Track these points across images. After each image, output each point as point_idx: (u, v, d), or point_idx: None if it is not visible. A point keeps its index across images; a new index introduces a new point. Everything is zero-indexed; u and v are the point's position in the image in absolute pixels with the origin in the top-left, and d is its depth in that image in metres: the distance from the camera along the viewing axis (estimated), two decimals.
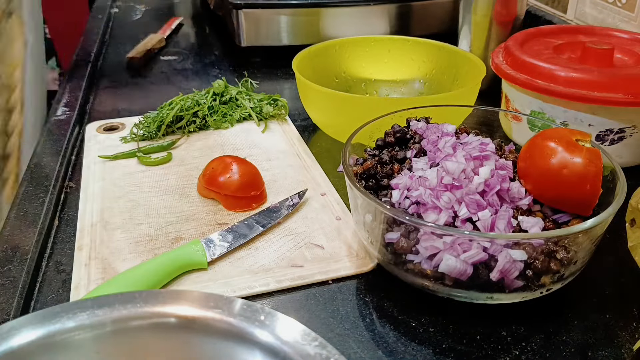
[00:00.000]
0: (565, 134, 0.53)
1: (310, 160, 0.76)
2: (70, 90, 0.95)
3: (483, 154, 0.54)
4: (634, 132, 0.70)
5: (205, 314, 0.37)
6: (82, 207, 0.66)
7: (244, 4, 1.02)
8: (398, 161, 0.60)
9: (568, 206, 0.53)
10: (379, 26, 1.08)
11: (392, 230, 0.51)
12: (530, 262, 0.47)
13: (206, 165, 0.69)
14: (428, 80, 0.89)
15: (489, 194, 0.52)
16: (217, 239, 0.59)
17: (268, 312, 0.37)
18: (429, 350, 0.49)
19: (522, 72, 0.74)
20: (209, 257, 0.57)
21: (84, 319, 0.36)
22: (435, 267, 0.49)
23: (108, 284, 0.52)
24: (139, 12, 1.43)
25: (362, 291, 0.55)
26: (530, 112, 0.75)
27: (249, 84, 0.92)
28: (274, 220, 0.63)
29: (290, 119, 0.87)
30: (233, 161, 0.67)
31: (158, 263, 0.54)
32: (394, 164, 0.59)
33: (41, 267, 0.58)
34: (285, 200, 0.66)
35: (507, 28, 0.89)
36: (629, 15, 0.88)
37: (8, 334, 0.35)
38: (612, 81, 0.68)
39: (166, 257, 0.55)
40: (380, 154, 0.60)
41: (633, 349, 0.48)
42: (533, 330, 0.50)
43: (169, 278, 0.54)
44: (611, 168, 0.54)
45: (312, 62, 0.83)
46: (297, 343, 0.35)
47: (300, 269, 0.57)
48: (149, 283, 0.52)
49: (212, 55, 1.16)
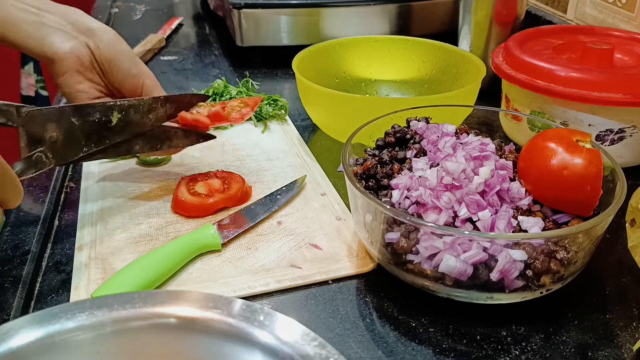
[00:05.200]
0: (566, 134, 0.53)
1: (310, 160, 0.76)
2: None
3: (483, 154, 0.54)
4: (634, 132, 0.70)
5: (205, 314, 0.37)
6: (82, 207, 0.66)
7: (244, 4, 1.02)
8: (398, 161, 0.60)
9: (568, 207, 0.53)
10: (379, 26, 1.07)
11: (392, 230, 0.51)
12: (530, 262, 0.47)
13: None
14: (428, 80, 0.88)
15: (489, 194, 0.52)
16: (228, 222, 0.61)
17: (267, 312, 0.37)
18: (429, 350, 0.49)
19: (522, 72, 0.73)
20: (222, 239, 0.59)
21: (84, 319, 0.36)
22: (435, 267, 0.48)
23: (130, 267, 0.53)
24: (139, 12, 1.43)
25: (362, 291, 0.55)
26: (530, 112, 0.75)
27: (249, 84, 0.92)
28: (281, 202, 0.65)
29: (290, 119, 0.87)
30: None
31: (175, 247, 0.56)
32: (394, 164, 0.59)
33: (41, 267, 0.58)
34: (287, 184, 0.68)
35: (507, 28, 0.89)
36: (629, 15, 0.88)
37: (7, 335, 0.35)
38: (612, 81, 0.68)
39: (181, 240, 0.57)
40: (380, 154, 0.60)
41: (633, 349, 0.48)
42: (533, 330, 0.50)
43: (185, 261, 0.56)
44: (611, 168, 0.54)
45: (312, 62, 0.83)
46: (296, 343, 0.35)
47: (300, 269, 0.57)
48: (167, 266, 0.55)
49: (212, 55, 1.16)
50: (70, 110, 0.58)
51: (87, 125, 0.58)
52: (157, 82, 0.66)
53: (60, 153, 0.58)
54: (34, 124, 0.56)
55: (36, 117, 0.56)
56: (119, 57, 0.64)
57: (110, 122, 0.59)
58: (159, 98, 0.62)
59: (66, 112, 0.57)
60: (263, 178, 0.72)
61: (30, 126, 0.56)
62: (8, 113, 0.55)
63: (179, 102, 0.63)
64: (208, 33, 1.29)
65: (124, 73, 0.64)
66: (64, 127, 0.57)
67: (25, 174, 0.55)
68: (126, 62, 0.64)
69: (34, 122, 0.56)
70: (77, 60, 0.62)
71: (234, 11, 1.03)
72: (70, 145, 0.58)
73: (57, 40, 0.61)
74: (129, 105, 0.60)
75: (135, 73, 0.65)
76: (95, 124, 0.59)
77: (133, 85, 0.65)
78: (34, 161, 0.56)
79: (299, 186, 0.68)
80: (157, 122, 0.62)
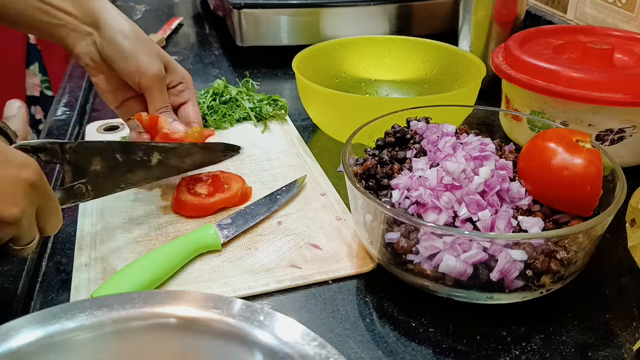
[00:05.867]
0: (566, 134, 0.53)
1: (310, 160, 0.76)
2: (70, 90, 0.95)
3: (483, 154, 0.54)
4: (634, 132, 0.70)
5: (205, 314, 0.37)
6: (82, 207, 0.65)
7: (244, 4, 1.02)
8: (398, 161, 0.60)
9: (568, 207, 0.53)
10: (379, 26, 1.07)
11: (392, 230, 0.51)
12: (530, 262, 0.47)
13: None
14: (428, 80, 0.88)
15: (489, 194, 0.52)
16: (228, 222, 0.61)
17: (267, 312, 0.37)
18: (429, 350, 0.49)
19: (522, 72, 0.73)
20: (223, 239, 0.59)
21: (84, 319, 0.36)
22: (435, 267, 0.48)
23: (130, 267, 0.53)
24: (139, 12, 1.43)
25: (362, 291, 0.55)
26: (530, 112, 0.75)
27: (249, 84, 0.92)
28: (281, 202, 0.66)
29: (290, 119, 0.87)
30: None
31: (175, 247, 0.56)
32: (394, 164, 0.58)
33: (41, 267, 0.58)
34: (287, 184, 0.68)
35: (507, 28, 0.89)
36: (629, 15, 0.88)
37: (7, 335, 0.35)
38: (612, 81, 0.68)
39: (181, 240, 0.57)
40: (380, 154, 0.60)
41: (633, 349, 0.48)
42: (533, 330, 0.50)
43: (185, 261, 0.57)
44: (611, 168, 0.54)
45: (312, 62, 0.83)
46: (296, 343, 0.35)
47: (300, 269, 0.57)
48: (167, 266, 0.55)
49: (212, 55, 1.16)
50: (117, 146, 0.60)
51: (129, 162, 0.60)
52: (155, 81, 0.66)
53: (100, 186, 0.59)
54: (80, 156, 0.57)
55: (82, 151, 0.57)
56: (115, 57, 0.65)
57: (150, 162, 0.62)
58: (197, 145, 0.65)
59: (112, 148, 0.59)
60: (263, 178, 0.72)
61: (77, 157, 0.57)
62: (52, 151, 0.56)
63: (213, 151, 0.68)
64: (208, 33, 1.29)
65: (122, 70, 0.66)
66: (107, 161, 0.59)
67: (64, 203, 0.56)
68: (122, 61, 0.65)
69: (80, 156, 0.57)
70: (89, 58, 0.66)
71: (234, 11, 1.03)
72: (110, 179, 0.60)
73: (70, 42, 0.66)
74: (169, 147, 0.63)
75: (131, 70, 0.65)
76: (137, 161, 0.61)
77: (132, 82, 0.66)
78: (74, 192, 0.57)
79: (299, 186, 0.68)
80: (192, 167, 0.66)
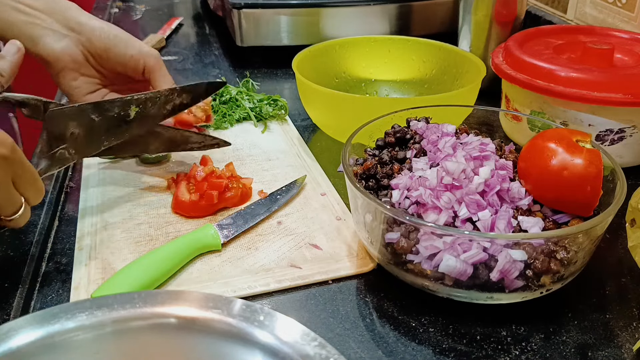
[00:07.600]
0: (566, 134, 0.53)
1: (310, 160, 0.76)
2: None
3: (483, 154, 0.54)
4: (634, 132, 0.70)
5: (205, 314, 0.37)
6: (82, 207, 0.66)
7: (244, 4, 1.02)
8: (398, 161, 0.60)
9: (568, 207, 0.53)
10: (379, 26, 1.07)
11: (392, 230, 0.51)
12: (530, 262, 0.47)
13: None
14: (428, 80, 0.88)
15: (489, 194, 0.52)
16: (228, 222, 0.61)
17: (267, 312, 0.37)
18: (429, 350, 0.49)
19: (522, 72, 0.73)
20: (223, 239, 0.59)
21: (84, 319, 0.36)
22: (435, 267, 0.48)
23: (130, 267, 0.53)
24: (139, 12, 1.43)
25: (362, 291, 0.55)
26: (530, 112, 0.75)
27: (249, 84, 0.92)
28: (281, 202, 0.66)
29: (290, 119, 0.87)
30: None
31: (175, 247, 0.56)
32: (394, 164, 0.59)
33: (41, 267, 0.58)
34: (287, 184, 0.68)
35: (507, 28, 0.89)
36: (629, 15, 0.88)
37: (8, 335, 0.35)
38: (612, 81, 0.68)
39: (181, 240, 0.57)
40: (380, 154, 0.60)
41: (633, 349, 0.48)
42: (533, 330, 0.50)
43: (185, 261, 0.57)
44: (611, 168, 0.54)
45: (312, 62, 0.83)
46: (296, 343, 0.35)
47: (300, 269, 0.57)
48: (167, 266, 0.55)
49: (212, 55, 1.16)
50: (90, 107, 0.59)
51: (107, 120, 0.60)
52: (159, 61, 0.66)
53: (82, 148, 0.59)
54: (55, 123, 0.57)
55: (57, 116, 0.57)
56: (113, 43, 0.65)
57: (128, 116, 0.61)
58: (175, 89, 0.63)
59: (86, 110, 0.59)
60: (263, 178, 0.72)
61: (52, 125, 0.57)
62: (35, 107, 0.57)
63: (194, 92, 0.64)
64: (208, 33, 1.29)
65: (123, 57, 0.65)
66: (84, 124, 0.58)
67: (50, 170, 0.57)
68: (122, 46, 0.65)
69: (55, 121, 0.57)
70: (70, 58, 0.64)
71: (234, 11, 1.03)
72: (91, 140, 0.59)
73: (48, 41, 0.63)
74: (146, 98, 0.61)
75: (133, 54, 0.65)
76: (115, 118, 0.60)
77: (134, 67, 0.66)
78: (57, 158, 0.57)
79: (299, 186, 0.68)
80: (173, 112, 0.64)
